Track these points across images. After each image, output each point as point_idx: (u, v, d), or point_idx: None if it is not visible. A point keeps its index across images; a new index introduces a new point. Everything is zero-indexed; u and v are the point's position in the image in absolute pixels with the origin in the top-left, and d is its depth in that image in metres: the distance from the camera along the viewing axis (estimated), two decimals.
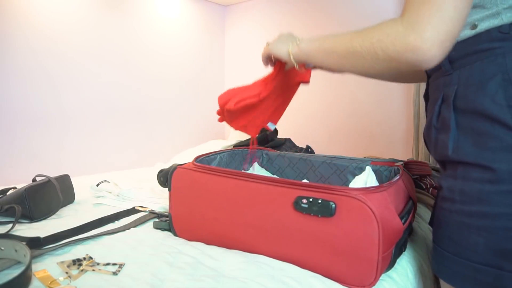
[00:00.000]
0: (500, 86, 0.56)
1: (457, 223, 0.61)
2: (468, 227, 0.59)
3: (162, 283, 0.63)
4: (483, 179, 0.57)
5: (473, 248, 0.59)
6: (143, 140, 2.10)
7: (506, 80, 0.56)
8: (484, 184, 0.57)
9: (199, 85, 2.44)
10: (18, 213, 0.93)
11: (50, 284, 0.62)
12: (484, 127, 0.57)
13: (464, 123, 0.61)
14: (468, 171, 0.59)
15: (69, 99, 1.73)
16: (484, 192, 0.57)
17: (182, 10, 2.29)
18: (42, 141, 1.64)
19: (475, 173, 0.58)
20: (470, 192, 0.59)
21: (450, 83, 0.64)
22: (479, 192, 0.57)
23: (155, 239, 0.84)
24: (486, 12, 0.59)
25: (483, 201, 0.57)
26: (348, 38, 0.63)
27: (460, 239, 0.61)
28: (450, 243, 0.63)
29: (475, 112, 0.59)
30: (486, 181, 0.57)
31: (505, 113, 0.55)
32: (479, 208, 0.57)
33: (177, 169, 0.85)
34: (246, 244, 0.74)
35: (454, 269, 0.62)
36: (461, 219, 0.60)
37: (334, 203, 0.61)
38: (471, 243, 0.59)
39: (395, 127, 1.92)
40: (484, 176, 0.57)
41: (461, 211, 0.60)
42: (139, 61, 2.04)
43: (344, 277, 0.63)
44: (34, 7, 1.58)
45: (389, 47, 0.56)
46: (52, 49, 1.65)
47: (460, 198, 0.60)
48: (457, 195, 0.61)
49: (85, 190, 1.31)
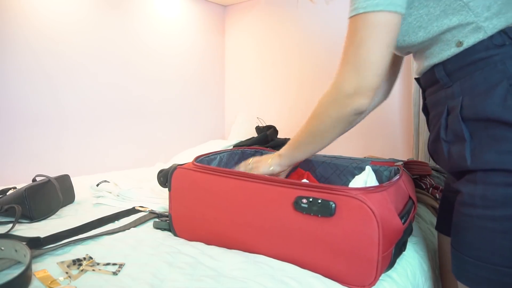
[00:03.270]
0: (507, 91, 0.57)
1: (479, 228, 0.60)
2: (492, 231, 0.58)
3: (162, 283, 0.63)
4: (507, 183, 0.57)
5: (499, 252, 0.58)
6: (143, 140, 2.10)
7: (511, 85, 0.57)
8: (508, 188, 0.57)
9: (199, 85, 2.44)
10: (18, 213, 0.93)
11: (50, 284, 0.62)
12: (500, 133, 0.58)
13: (478, 132, 0.61)
14: (489, 176, 0.59)
15: (69, 99, 1.73)
16: (509, 195, 0.56)
17: (182, 10, 2.29)
18: (42, 141, 1.64)
19: (498, 177, 0.58)
20: (493, 197, 0.58)
21: (452, 95, 0.65)
22: (503, 196, 0.57)
23: (155, 239, 0.84)
24: (466, 28, 0.61)
25: (508, 204, 0.57)
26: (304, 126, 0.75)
27: (484, 244, 0.60)
28: (472, 248, 0.62)
29: (488, 120, 0.59)
30: (509, 185, 0.57)
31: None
32: (504, 212, 0.57)
33: (177, 169, 0.85)
34: (246, 244, 0.74)
35: (479, 274, 0.61)
36: (484, 224, 0.60)
37: (334, 203, 0.61)
38: (496, 247, 0.58)
39: (395, 127, 1.92)
40: (508, 179, 0.57)
41: (484, 215, 0.59)
42: (139, 61, 2.04)
43: (344, 277, 0.63)
44: (34, 7, 1.58)
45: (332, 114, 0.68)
46: (52, 49, 1.65)
47: (481, 203, 0.60)
48: (478, 200, 0.60)
49: (85, 190, 1.31)
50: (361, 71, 0.62)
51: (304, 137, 0.76)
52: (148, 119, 2.12)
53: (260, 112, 2.40)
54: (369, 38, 0.61)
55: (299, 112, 2.25)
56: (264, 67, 2.43)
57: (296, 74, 2.26)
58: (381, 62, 0.61)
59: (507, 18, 0.59)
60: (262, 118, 2.14)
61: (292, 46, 2.26)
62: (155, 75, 2.14)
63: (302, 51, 2.21)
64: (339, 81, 0.65)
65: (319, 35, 2.11)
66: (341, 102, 0.65)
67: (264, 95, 2.43)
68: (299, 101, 2.26)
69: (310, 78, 2.20)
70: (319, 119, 0.70)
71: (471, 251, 0.62)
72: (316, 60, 2.15)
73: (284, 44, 2.30)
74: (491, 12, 0.60)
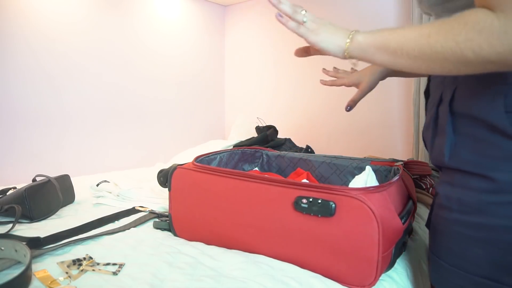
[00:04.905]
0: (498, 91, 0.52)
1: (456, 233, 0.58)
2: (467, 238, 0.56)
3: (162, 283, 0.63)
4: (482, 188, 0.53)
5: (473, 261, 0.55)
6: (143, 140, 2.10)
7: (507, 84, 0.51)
8: (483, 194, 0.53)
9: (199, 85, 2.44)
10: (18, 213, 0.93)
11: (50, 284, 0.62)
12: (482, 134, 0.54)
13: (461, 128, 0.57)
14: (466, 179, 0.56)
15: (69, 99, 1.73)
16: (483, 202, 0.53)
17: (182, 10, 2.29)
18: (42, 141, 1.64)
19: (474, 182, 0.54)
20: (468, 202, 0.55)
21: (449, 81, 0.60)
22: (478, 202, 0.54)
23: (155, 239, 0.84)
24: None
25: (482, 212, 0.53)
26: (425, 35, 0.51)
27: (459, 250, 0.57)
28: (449, 254, 0.59)
29: (472, 117, 0.55)
30: (485, 191, 0.53)
31: (503, 120, 0.51)
32: (478, 220, 0.54)
33: (177, 169, 0.85)
34: (246, 244, 0.74)
35: (454, 281, 0.58)
36: (460, 230, 0.57)
37: (334, 203, 0.61)
38: (471, 255, 0.55)
39: (395, 127, 1.92)
40: (483, 185, 0.53)
41: (459, 221, 0.57)
42: (139, 61, 2.04)
43: (344, 277, 0.63)
44: (34, 7, 1.58)
45: (484, 48, 0.45)
46: (52, 49, 1.65)
47: (458, 208, 0.57)
48: (455, 204, 0.57)
49: (85, 190, 1.31)
50: None
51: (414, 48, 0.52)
52: (148, 119, 2.12)
53: (260, 112, 2.40)
54: None
55: (299, 112, 2.25)
56: (264, 67, 2.43)
57: (296, 74, 2.26)
58: None
59: None
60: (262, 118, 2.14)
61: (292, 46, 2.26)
62: (155, 75, 2.14)
63: None
64: None
65: None
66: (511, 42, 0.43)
67: (264, 95, 2.43)
68: (299, 101, 2.26)
69: (310, 78, 2.20)
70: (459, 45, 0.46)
71: (447, 257, 0.59)
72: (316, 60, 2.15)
73: (284, 44, 2.30)
74: None
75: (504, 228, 0.51)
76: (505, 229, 0.51)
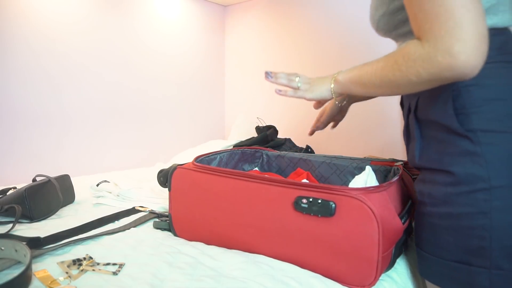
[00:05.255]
0: (449, 97, 0.60)
1: (430, 224, 0.65)
2: (439, 227, 0.63)
3: (162, 283, 0.63)
4: (445, 182, 0.61)
5: (445, 247, 0.62)
6: (143, 140, 2.10)
7: (455, 90, 0.60)
8: (447, 187, 0.61)
9: (199, 85, 2.44)
10: (18, 213, 0.93)
11: (50, 284, 0.62)
12: (442, 135, 0.62)
13: (426, 132, 0.66)
14: (433, 176, 0.64)
15: (69, 99, 1.73)
16: (448, 194, 0.61)
17: (182, 10, 2.29)
18: (42, 141, 1.64)
19: (439, 177, 0.63)
20: (437, 195, 0.63)
21: (413, 94, 0.69)
22: (443, 195, 0.62)
23: (155, 239, 0.84)
24: None
25: (448, 203, 0.61)
26: (379, 68, 0.62)
27: (434, 239, 0.64)
28: (427, 243, 0.66)
29: (432, 122, 0.64)
30: (448, 184, 0.61)
31: (453, 121, 0.59)
32: (445, 210, 0.62)
33: (177, 169, 0.85)
34: (246, 244, 0.74)
35: (433, 268, 0.65)
36: (432, 221, 0.64)
37: (334, 203, 0.61)
38: (443, 243, 0.62)
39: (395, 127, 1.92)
40: (446, 179, 0.61)
41: (431, 213, 0.64)
42: (139, 61, 2.04)
43: (344, 277, 0.63)
44: (34, 7, 1.58)
45: (421, 72, 0.54)
46: (52, 49, 1.65)
47: (429, 201, 0.65)
48: (427, 198, 0.65)
49: (85, 190, 1.31)
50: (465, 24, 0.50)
51: (375, 80, 0.63)
52: (148, 119, 2.12)
53: (260, 112, 2.40)
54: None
55: (299, 112, 2.25)
56: (264, 67, 2.43)
57: None
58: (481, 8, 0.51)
59: None
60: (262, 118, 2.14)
61: (292, 46, 2.26)
62: (155, 75, 2.14)
63: (302, 50, 2.21)
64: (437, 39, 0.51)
65: (319, 35, 2.11)
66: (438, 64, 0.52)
67: (264, 95, 2.44)
68: (299, 101, 2.26)
69: None
70: (402, 72, 0.57)
71: (426, 246, 0.66)
72: (316, 59, 2.15)
73: (284, 44, 2.30)
74: None
75: (465, 215, 0.59)
76: (466, 216, 0.59)
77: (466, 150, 0.59)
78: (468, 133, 0.58)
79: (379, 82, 0.63)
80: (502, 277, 0.57)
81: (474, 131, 0.58)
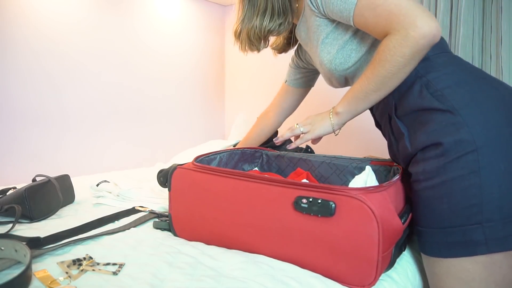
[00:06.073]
0: (422, 87, 0.73)
1: (424, 199, 0.71)
2: (434, 199, 0.69)
3: (162, 283, 0.63)
4: (437, 154, 0.68)
5: (440, 216, 0.68)
6: (143, 140, 2.09)
7: (424, 81, 0.73)
8: (439, 158, 0.68)
9: (199, 85, 2.44)
10: (18, 213, 0.93)
11: (50, 284, 0.62)
12: (424, 118, 0.72)
13: (411, 123, 0.75)
14: (424, 154, 0.71)
15: (69, 99, 1.73)
16: (440, 165, 0.67)
17: (182, 10, 2.29)
18: (42, 141, 1.64)
19: (430, 153, 0.69)
20: (430, 169, 0.69)
21: (387, 103, 0.81)
22: (436, 167, 0.68)
23: (155, 239, 0.84)
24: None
25: (441, 173, 0.67)
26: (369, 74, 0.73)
27: (428, 212, 0.70)
28: (422, 218, 0.72)
29: (414, 111, 0.74)
30: (439, 156, 0.68)
31: (433, 101, 0.70)
32: (439, 179, 0.68)
33: (177, 169, 0.85)
34: (246, 244, 0.74)
35: (430, 240, 0.70)
36: (427, 194, 0.70)
37: (334, 203, 0.61)
38: (438, 212, 0.68)
39: None
40: (437, 152, 0.68)
41: (426, 187, 0.70)
42: (139, 61, 2.04)
43: (344, 277, 0.63)
44: (34, 7, 1.58)
45: (405, 51, 0.67)
46: (51, 49, 1.65)
47: (423, 177, 0.71)
48: (421, 175, 0.71)
49: (85, 190, 1.31)
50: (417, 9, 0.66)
51: (371, 86, 0.73)
52: (148, 119, 2.12)
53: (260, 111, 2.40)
54: None
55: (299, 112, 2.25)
56: (264, 66, 2.43)
57: None
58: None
59: None
60: None
61: None
62: (155, 75, 2.14)
63: None
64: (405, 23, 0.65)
65: None
66: (413, 38, 0.65)
67: (264, 95, 2.43)
68: None
69: None
70: (390, 62, 0.69)
71: (424, 221, 0.72)
72: None
73: None
74: None
75: (458, 177, 0.65)
76: (459, 178, 0.65)
77: (449, 122, 0.67)
78: (448, 107, 0.68)
79: (376, 85, 0.73)
80: (494, 228, 0.63)
81: (452, 106, 0.68)
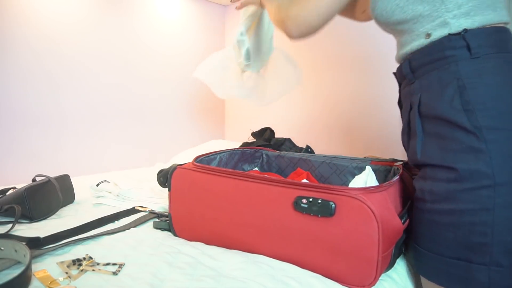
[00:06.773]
0: (455, 92, 0.61)
1: (429, 221, 0.65)
2: (439, 224, 0.63)
3: (162, 283, 0.63)
4: (448, 179, 0.61)
5: (444, 244, 0.63)
6: (143, 140, 2.09)
7: (460, 86, 0.60)
8: (450, 184, 0.61)
9: (199, 85, 2.44)
10: (18, 213, 0.93)
11: (50, 284, 0.62)
12: (445, 131, 0.62)
13: (429, 128, 0.66)
14: (435, 173, 0.64)
15: (69, 99, 1.73)
16: (450, 191, 0.61)
17: (182, 10, 2.29)
18: (42, 141, 1.64)
19: (441, 174, 0.63)
20: (438, 192, 0.63)
21: (414, 92, 0.70)
22: (446, 191, 0.62)
23: (155, 239, 0.84)
24: (436, 21, 0.64)
25: (450, 199, 0.61)
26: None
27: (433, 235, 0.65)
28: (425, 240, 0.67)
29: (437, 118, 0.64)
30: (451, 181, 0.61)
31: (462, 117, 0.60)
32: (446, 206, 0.62)
33: (177, 169, 0.85)
34: (246, 244, 0.74)
35: (429, 264, 0.66)
36: (432, 217, 0.64)
37: (334, 203, 0.61)
38: (442, 239, 0.63)
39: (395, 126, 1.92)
40: (449, 176, 0.61)
41: (431, 209, 0.64)
42: (139, 61, 2.04)
43: (344, 277, 0.63)
44: (34, 7, 1.58)
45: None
46: (51, 49, 1.65)
47: (430, 198, 0.65)
48: (427, 195, 0.65)
49: (85, 190, 1.31)
50: None
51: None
52: (148, 119, 2.12)
53: (260, 111, 2.40)
54: None
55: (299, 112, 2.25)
56: None
57: None
58: None
59: (473, 21, 0.62)
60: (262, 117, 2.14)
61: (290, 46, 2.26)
62: (155, 75, 2.14)
63: (302, 50, 2.21)
64: None
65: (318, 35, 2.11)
66: None
67: None
68: (299, 101, 2.26)
69: (310, 78, 2.20)
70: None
71: (424, 243, 0.67)
72: (315, 59, 2.15)
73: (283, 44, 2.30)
74: (460, 11, 0.63)
75: (468, 211, 0.59)
76: (469, 212, 0.59)
77: (471, 147, 0.59)
78: (474, 129, 0.59)
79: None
80: (500, 274, 0.58)
81: (479, 127, 0.58)
